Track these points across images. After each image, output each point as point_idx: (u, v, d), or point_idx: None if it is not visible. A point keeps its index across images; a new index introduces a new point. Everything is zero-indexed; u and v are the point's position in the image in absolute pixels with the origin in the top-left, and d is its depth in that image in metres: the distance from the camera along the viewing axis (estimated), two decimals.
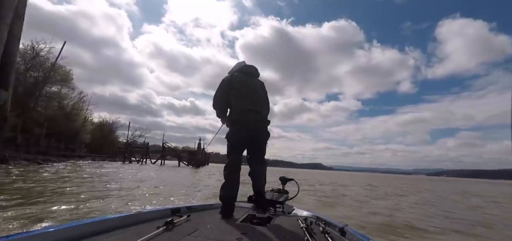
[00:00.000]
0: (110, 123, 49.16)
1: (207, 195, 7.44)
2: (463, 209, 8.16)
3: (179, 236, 1.26)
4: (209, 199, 6.46)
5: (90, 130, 39.30)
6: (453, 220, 5.88)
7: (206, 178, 14.41)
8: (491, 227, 5.48)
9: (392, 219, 5.49)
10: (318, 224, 1.62)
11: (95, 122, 43.68)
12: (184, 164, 41.35)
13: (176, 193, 7.39)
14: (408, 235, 4.26)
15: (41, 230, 1.08)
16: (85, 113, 37.79)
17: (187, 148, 47.79)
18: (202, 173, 20.29)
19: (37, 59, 25.60)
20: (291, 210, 2.28)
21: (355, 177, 39.38)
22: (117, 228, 1.32)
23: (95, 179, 9.35)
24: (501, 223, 5.96)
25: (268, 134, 2.22)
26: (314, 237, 1.31)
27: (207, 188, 9.46)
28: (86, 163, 22.56)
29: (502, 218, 6.74)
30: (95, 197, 5.58)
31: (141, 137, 51.79)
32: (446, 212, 7.11)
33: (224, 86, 2.21)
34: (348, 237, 1.48)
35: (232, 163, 2.04)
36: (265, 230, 1.51)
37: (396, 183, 24.06)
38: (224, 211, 1.83)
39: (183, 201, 6.04)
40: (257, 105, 2.16)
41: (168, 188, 8.43)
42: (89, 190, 6.62)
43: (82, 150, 36.92)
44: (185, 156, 43.16)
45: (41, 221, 3.43)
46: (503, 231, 5.27)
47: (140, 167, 25.69)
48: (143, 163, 39.93)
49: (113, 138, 48.55)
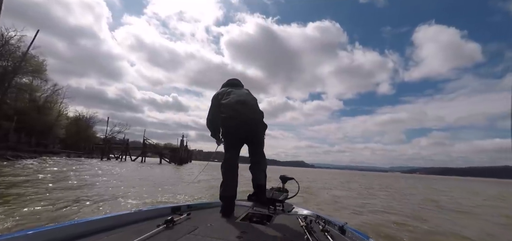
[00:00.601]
0: (87, 118, 47.09)
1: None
2: (415, 203, 8.82)
3: (179, 234, 1.26)
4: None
5: (65, 125, 37.36)
6: (398, 210, 6.54)
7: (186, 176, 14.22)
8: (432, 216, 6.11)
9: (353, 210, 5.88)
10: (318, 222, 1.62)
11: (70, 116, 41.69)
12: (166, 161, 40.54)
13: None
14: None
15: (40, 228, 1.06)
16: (59, 106, 35.89)
17: (169, 144, 46.85)
18: (183, 171, 20.08)
19: (6, 47, 23.91)
20: (291, 209, 2.27)
21: (335, 174, 40.63)
22: (118, 227, 1.32)
23: (51, 178, 8.10)
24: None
25: (264, 125, 2.21)
26: (314, 235, 1.31)
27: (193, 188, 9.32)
28: (59, 160, 21.38)
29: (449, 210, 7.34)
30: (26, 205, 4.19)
31: (120, 133, 49.96)
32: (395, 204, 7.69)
33: (213, 100, 2.29)
34: (347, 235, 1.48)
35: (228, 161, 2.01)
36: (265, 228, 1.51)
37: (371, 181, 25.16)
38: (224, 209, 1.84)
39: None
40: (246, 99, 2.18)
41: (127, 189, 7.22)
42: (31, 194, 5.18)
43: (56, 145, 35.05)
44: (167, 153, 42.32)
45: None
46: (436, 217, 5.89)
47: (119, 164, 24.86)
48: (123, 160, 38.66)
49: (90, 134, 46.52)
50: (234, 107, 2.06)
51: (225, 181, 1.96)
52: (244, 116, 2.05)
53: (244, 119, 2.05)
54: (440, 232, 4.52)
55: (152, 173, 15.03)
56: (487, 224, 5.65)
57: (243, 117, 2.05)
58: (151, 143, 43.42)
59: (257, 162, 2.14)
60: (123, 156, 40.57)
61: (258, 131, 2.16)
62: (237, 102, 2.09)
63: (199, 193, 7.23)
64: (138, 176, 11.72)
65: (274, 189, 2.41)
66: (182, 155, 40.99)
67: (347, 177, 32.75)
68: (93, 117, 48.45)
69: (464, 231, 4.67)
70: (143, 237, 1.13)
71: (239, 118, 2.04)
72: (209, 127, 2.35)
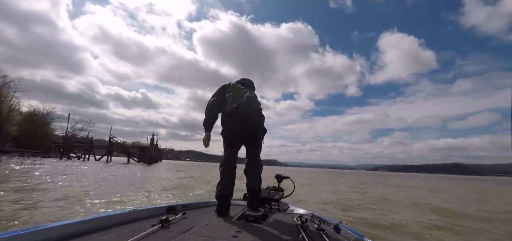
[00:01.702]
0: (43, 114, 42.95)
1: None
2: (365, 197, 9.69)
3: (175, 233, 1.26)
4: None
5: (18, 121, 33.73)
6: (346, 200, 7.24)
7: (156, 176, 13.76)
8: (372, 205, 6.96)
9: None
10: (313, 221, 1.64)
11: (24, 111, 37.72)
12: (135, 161, 38.66)
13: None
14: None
15: (35, 228, 1.06)
16: (10, 101, 32.34)
17: (137, 143, 44.57)
18: (152, 171, 19.37)
19: None
20: (286, 208, 2.28)
21: (307, 173, 42.06)
22: (113, 226, 1.32)
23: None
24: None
25: (264, 129, 2.21)
26: (309, 234, 1.32)
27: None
28: (8, 160, 19.33)
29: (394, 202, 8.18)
30: None
31: (83, 131, 46.40)
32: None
33: (220, 89, 2.29)
34: (342, 234, 1.49)
35: (227, 160, 2.00)
36: (260, 227, 1.52)
37: (336, 178, 26.55)
38: (220, 209, 1.84)
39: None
40: (251, 100, 2.18)
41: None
42: None
43: (7, 144, 31.58)
44: (135, 152, 40.33)
45: None
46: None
47: (80, 164, 23.13)
48: (85, 160, 36.09)
49: (48, 131, 42.46)
50: (242, 108, 2.06)
51: (223, 180, 1.95)
52: (248, 116, 2.07)
53: (248, 119, 2.06)
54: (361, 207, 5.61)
55: (117, 173, 14.30)
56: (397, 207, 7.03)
57: (247, 116, 2.06)
58: (118, 141, 41.01)
59: (254, 166, 2.08)
60: (86, 156, 37.87)
61: (259, 133, 2.16)
62: (243, 104, 2.08)
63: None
64: (100, 177, 11.06)
65: (270, 188, 2.44)
66: (152, 154, 39.40)
67: (316, 174, 34.19)
68: (51, 112, 44.34)
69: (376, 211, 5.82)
70: (138, 237, 1.14)
71: (244, 118, 2.04)
72: (206, 111, 2.22)
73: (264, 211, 1.99)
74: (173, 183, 9.91)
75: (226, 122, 2.10)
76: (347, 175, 39.71)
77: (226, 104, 2.15)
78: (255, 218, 1.74)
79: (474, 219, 5.80)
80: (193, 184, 9.93)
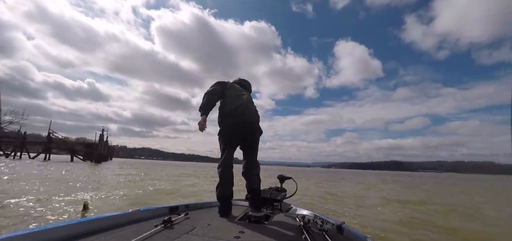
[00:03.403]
0: None
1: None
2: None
3: (178, 234, 1.25)
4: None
5: None
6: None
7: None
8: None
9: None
10: (316, 222, 1.64)
11: None
12: (80, 159, 34.65)
13: None
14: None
15: (38, 228, 1.04)
16: None
17: (82, 139, 40.00)
18: (99, 171, 17.63)
19: None
20: (289, 208, 2.27)
21: (268, 170, 43.00)
22: (116, 227, 1.31)
23: None
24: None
25: (261, 130, 2.24)
26: (312, 235, 1.31)
27: None
28: None
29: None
30: None
31: (13, 124, 39.69)
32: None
33: (222, 82, 2.27)
34: (345, 235, 1.49)
35: (225, 161, 2.00)
36: (263, 228, 1.50)
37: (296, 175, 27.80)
38: (222, 209, 1.84)
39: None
40: (250, 103, 2.23)
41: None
42: None
43: None
44: (80, 149, 36.13)
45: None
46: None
47: (7, 164, 19.71)
48: (16, 158, 31.14)
49: None
50: (239, 109, 2.09)
51: (222, 181, 1.95)
52: (246, 118, 2.10)
53: (247, 121, 2.11)
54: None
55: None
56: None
57: (246, 118, 2.10)
58: (59, 136, 36.16)
59: (252, 166, 2.12)
60: (17, 153, 32.68)
61: (257, 135, 2.20)
62: (241, 105, 2.12)
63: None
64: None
65: (272, 188, 2.42)
66: (101, 152, 35.83)
67: (277, 173, 35.14)
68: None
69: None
70: (141, 237, 1.13)
71: (241, 119, 2.07)
72: (207, 96, 2.13)
73: (267, 212, 1.98)
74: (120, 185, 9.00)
75: (225, 122, 2.11)
76: (305, 172, 41.80)
77: (225, 103, 2.15)
78: (258, 219, 1.72)
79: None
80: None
